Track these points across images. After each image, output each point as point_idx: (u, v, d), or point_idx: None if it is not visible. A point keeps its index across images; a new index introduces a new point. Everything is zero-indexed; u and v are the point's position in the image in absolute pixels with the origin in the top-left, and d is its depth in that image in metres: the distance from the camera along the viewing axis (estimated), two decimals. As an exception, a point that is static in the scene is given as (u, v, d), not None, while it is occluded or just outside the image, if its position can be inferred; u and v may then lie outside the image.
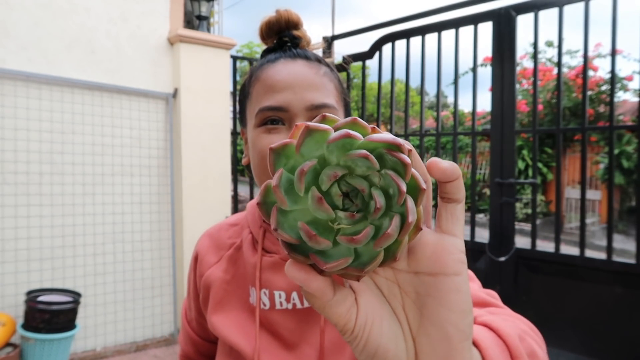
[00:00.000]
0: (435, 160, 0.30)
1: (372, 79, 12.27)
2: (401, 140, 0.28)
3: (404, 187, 0.27)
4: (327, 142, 0.28)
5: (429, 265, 0.31)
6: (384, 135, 0.28)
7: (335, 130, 0.29)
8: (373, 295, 0.33)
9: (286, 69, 0.67)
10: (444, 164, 0.30)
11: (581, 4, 2.60)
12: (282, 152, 0.30)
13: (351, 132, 0.28)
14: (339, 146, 0.28)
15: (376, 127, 0.30)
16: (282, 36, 0.74)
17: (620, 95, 8.56)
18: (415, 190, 0.29)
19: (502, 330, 0.45)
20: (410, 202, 0.28)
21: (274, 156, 0.30)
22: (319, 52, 0.76)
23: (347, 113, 0.74)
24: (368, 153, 0.27)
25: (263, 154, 0.64)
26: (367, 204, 0.29)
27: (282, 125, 0.64)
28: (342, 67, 1.09)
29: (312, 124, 0.29)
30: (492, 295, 0.62)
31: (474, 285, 0.65)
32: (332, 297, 0.30)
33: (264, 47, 0.77)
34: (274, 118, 0.64)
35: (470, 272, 0.65)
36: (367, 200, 0.29)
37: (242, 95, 0.74)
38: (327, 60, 0.75)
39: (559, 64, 2.81)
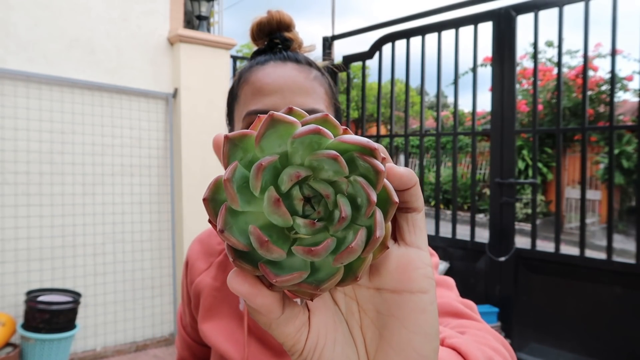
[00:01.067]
0: (390, 166, 0.27)
1: (372, 79, 12.26)
2: (376, 145, 0.25)
3: (374, 198, 0.24)
4: (292, 137, 0.25)
5: (392, 281, 0.28)
6: (358, 137, 0.25)
7: (302, 125, 0.25)
8: (328, 312, 0.29)
9: (275, 72, 0.66)
10: (400, 170, 0.27)
11: (581, 4, 2.60)
12: (239, 142, 0.26)
13: (321, 128, 0.25)
14: (305, 143, 0.25)
15: (348, 129, 0.27)
16: (273, 38, 0.72)
17: (620, 95, 8.56)
18: (385, 203, 0.26)
19: (471, 355, 0.43)
20: (379, 215, 0.25)
21: (229, 147, 0.26)
22: (311, 55, 0.74)
23: (338, 119, 0.72)
24: (337, 154, 0.24)
25: None
26: (331, 213, 0.26)
27: None
28: (342, 67, 1.09)
29: (277, 113, 0.25)
30: (468, 307, 0.60)
31: (451, 294, 0.62)
32: (280, 314, 0.27)
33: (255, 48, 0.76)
34: None
35: (450, 280, 0.64)
36: (330, 208, 0.26)
37: (230, 97, 0.73)
38: (324, 62, 0.74)
39: (559, 64, 2.81)
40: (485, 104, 12.40)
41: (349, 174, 0.25)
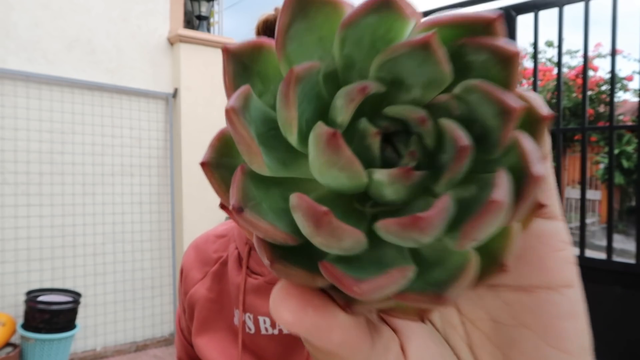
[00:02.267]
0: None
1: (372, 79, 12.22)
2: (494, 13, 0.15)
3: (515, 101, 0.13)
4: (341, 25, 0.14)
5: (517, 273, 0.18)
6: (458, 12, 0.15)
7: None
8: (423, 332, 0.19)
9: None
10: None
11: (581, 4, 2.60)
12: (251, 61, 0.16)
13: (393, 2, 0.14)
14: (365, 35, 0.15)
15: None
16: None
17: (620, 95, 8.57)
18: (529, 121, 0.14)
19: None
20: (527, 139, 0.13)
21: (234, 68, 0.15)
22: None
23: None
24: (435, 38, 0.13)
25: None
26: (432, 155, 0.15)
27: None
28: None
29: None
30: None
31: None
32: (369, 350, 0.16)
33: None
34: None
35: None
36: (430, 145, 0.15)
37: None
38: None
39: (559, 64, 2.81)
40: (485, 104, 12.35)
41: (454, 79, 0.14)
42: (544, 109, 0.14)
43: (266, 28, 0.68)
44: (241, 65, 0.15)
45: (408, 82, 0.15)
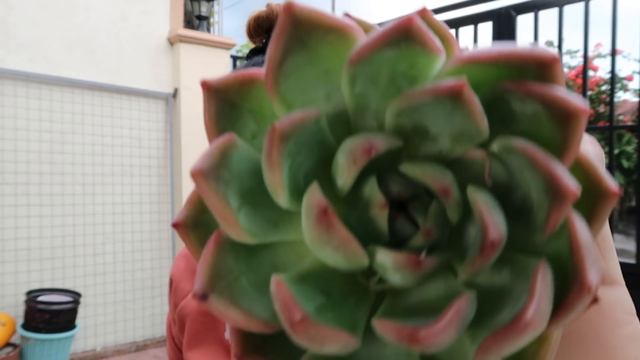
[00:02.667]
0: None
1: (372, 79, 12.20)
2: (552, 52, 0.11)
3: (569, 182, 0.10)
4: (349, 60, 0.11)
5: (575, 352, 0.16)
6: (506, 46, 0.12)
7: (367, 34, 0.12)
8: None
9: None
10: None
11: (581, 4, 2.60)
12: (237, 97, 0.13)
13: (413, 31, 0.11)
14: (381, 73, 0.12)
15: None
16: (271, 35, 0.63)
17: (620, 95, 8.56)
18: (589, 194, 0.11)
19: None
20: (582, 226, 0.10)
21: (216, 106, 0.13)
22: None
23: None
24: (467, 87, 0.10)
25: None
26: (457, 232, 0.12)
27: None
28: None
29: (312, 8, 0.12)
30: None
31: None
32: None
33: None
34: None
35: None
36: (454, 219, 0.12)
37: None
38: None
39: (559, 64, 2.81)
40: (485, 104, 12.33)
41: (491, 135, 0.11)
42: (611, 183, 0.11)
43: (257, 27, 0.63)
44: (227, 103, 0.13)
45: (433, 132, 0.12)
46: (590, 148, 0.14)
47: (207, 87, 0.13)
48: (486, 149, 0.12)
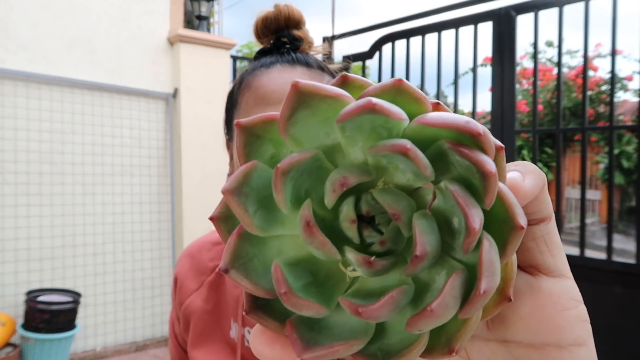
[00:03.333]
0: (514, 178, 0.18)
1: (372, 79, 12.24)
2: (481, 128, 0.16)
3: (474, 223, 0.15)
4: (338, 119, 0.16)
5: (527, 330, 0.19)
6: (450, 116, 0.16)
7: (356, 100, 0.17)
8: None
9: (282, 77, 0.57)
10: (528, 181, 0.18)
11: (581, 4, 2.60)
12: (263, 132, 0.18)
13: (385, 104, 0.16)
14: (360, 128, 0.16)
15: (441, 104, 0.18)
16: (280, 36, 0.63)
17: (620, 95, 8.57)
18: (502, 226, 0.16)
19: None
20: (489, 249, 0.15)
21: (245, 138, 0.18)
22: (321, 56, 0.66)
23: None
24: (411, 147, 0.15)
25: None
26: (407, 241, 0.18)
27: None
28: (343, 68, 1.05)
29: (312, 83, 0.17)
30: None
31: None
32: None
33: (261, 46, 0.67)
34: None
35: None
36: (405, 234, 0.17)
37: (229, 103, 0.64)
38: (331, 66, 0.65)
39: (559, 64, 2.81)
40: (485, 104, 12.39)
41: (436, 178, 0.17)
42: (520, 219, 0.16)
43: (265, 28, 0.64)
44: (253, 135, 0.18)
45: (400, 169, 0.17)
46: (529, 182, 0.18)
47: (239, 125, 0.18)
48: (435, 185, 0.17)
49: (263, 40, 0.66)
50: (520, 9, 2.89)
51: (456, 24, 3.10)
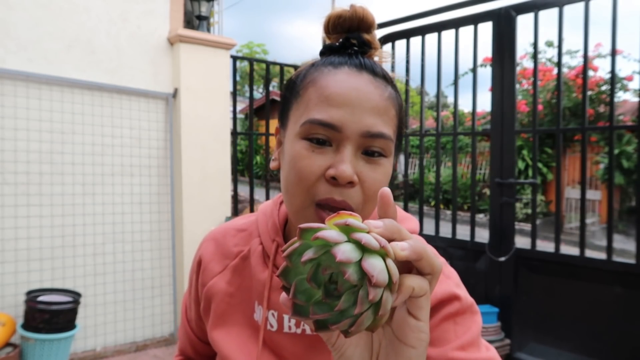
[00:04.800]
0: (395, 244, 0.36)
1: (372, 79, 12.18)
2: (376, 272, 0.34)
3: (360, 308, 0.34)
4: (312, 238, 0.35)
5: (397, 332, 0.40)
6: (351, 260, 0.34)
7: (327, 228, 0.36)
8: (363, 336, 0.43)
9: (349, 82, 0.58)
10: (405, 252, 0.37)
11: (581, 4, 2.60)
12: (307, 232, 0.37)
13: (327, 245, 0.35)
14: (320, 246, 0.36)
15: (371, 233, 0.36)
16: (350, 37, 0.63)
17: (620, 95, 8.57)
18: (391, 282, 0.35)
19: None
20: (370, 313, 0.35)
21: (301, 232, 0.37)
22: (386, 66, 0.66)
23: (399, 146, 0.64)
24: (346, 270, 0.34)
25: (300, 172, 0.56)
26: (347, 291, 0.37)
27: (329, 146, 0.56)
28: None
29: (306, 226, 0.36)
30: (488, 349, 0.62)
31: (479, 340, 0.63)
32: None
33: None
34: (322, 137, 0.56)
35: (475, 333, 0.63)
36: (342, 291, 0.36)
37: (288, 91, 0.64)
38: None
39: (559, 64, 2.81)
40: (485, 104, 12.38)
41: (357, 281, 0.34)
42: (394, 278, 0.35)
43: (337, 25, 0.64)
44: (304, 230, 0.37)
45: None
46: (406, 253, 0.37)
47: (300, 229, 0.37)
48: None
49: (331, 37, 0.66)
50: (520, 9, 2.89)
51: (456, 24, 3.10)
